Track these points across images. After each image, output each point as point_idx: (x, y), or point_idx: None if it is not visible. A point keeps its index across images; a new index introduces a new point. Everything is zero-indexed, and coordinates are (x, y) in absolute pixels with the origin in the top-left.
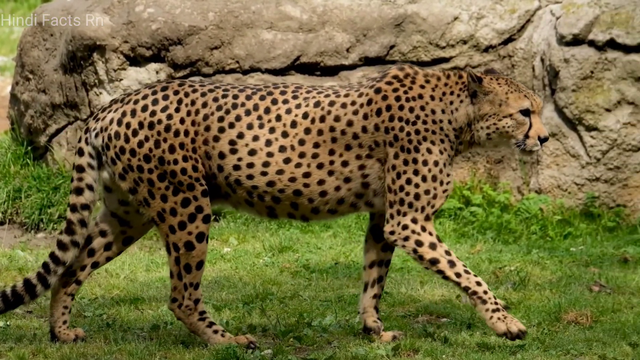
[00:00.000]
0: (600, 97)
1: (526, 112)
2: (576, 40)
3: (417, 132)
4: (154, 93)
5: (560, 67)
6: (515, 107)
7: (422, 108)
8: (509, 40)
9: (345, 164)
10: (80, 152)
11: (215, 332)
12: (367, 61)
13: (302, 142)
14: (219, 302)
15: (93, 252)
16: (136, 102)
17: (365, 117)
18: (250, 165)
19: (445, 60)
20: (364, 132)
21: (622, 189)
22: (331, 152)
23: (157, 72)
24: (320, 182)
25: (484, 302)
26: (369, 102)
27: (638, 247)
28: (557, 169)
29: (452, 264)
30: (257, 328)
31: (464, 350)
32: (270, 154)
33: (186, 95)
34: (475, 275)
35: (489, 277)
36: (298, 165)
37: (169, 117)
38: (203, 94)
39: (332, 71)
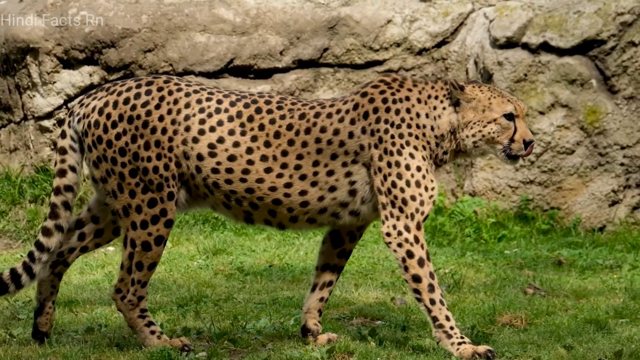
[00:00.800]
0: (534, 100)
1: (510, 117)
2: (510, 43)
3: (401, 135)
4: (138, 87)
5: (494, 70)
6: (498, 112)
7: (408, 110)
8: (443, 43)
9: (330, 173)
10: (63, 135)
11: (152, 332)
12: (301, 64)
13: (285, 153)
14: (153, 304)
15: (83, 237)
16: (119, 93)
17: (352, 122)
18: (229, 171)
19: (379, 63)
20: (350, 137)
21: (556, 192)
22: (315, 164)
23: (90, 75)
24: (302, 192)
25: (449, 336)
26: (356, 106)
27: (572, 249)
28: (491, 172)
29: (431, 288)
30: (192, 331)
31: (398, 352)
32: (250, 162)
33: (170, 93)
34: (447, 309)
35: None
36: (279, 175)
37: (148, 113)
38: (187, 94)
39: (265, 74)
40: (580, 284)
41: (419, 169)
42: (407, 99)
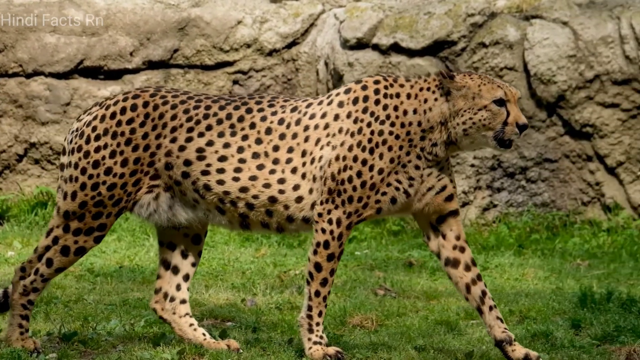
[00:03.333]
0: None
1: (500, 102)
2: (360, 44)
3: (381, 132)
4: (125, 100)
5: (345, 71)
6: (488, 98)
7: (396, 108)
8: (293, 44)
9: (313, 161)
10: (64, 151)
11: (20, 325)
12: (151, 65)
13: (276, 149)
14: None
15: (177, 269)
16: (107, 107)
17: (340, 104)
18: (221, 171)
19: (229, 64)
20: (335, 119)
21: None
22: (303, 154)
23: None
24: (296, 187)
25: (311, 331)
26: (347, 91)
27: (423, 251)
28: None
29: (325, 281)
30: (42, 332)
31: (249, 354)
32: (242, 160)
33: (155, 108)
34: (324, 307)
35: (274, 281)
36: (272, 171)
37: (132, 131)
38: (173, 106)
39: (115, 75)
40: (431, 285)
41: (380, 171)
42: (397, 95)
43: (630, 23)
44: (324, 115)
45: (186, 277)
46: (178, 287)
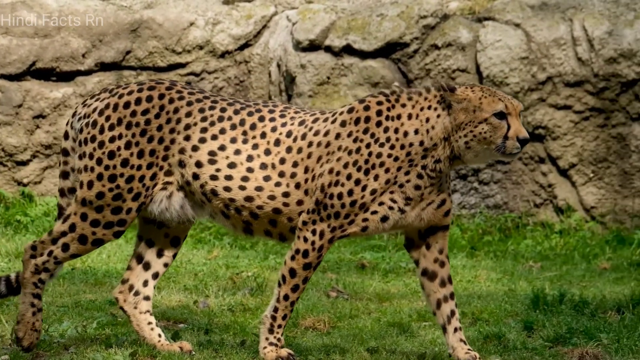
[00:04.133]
0: (337, 102)
1: (501, 115)
2: (313, 46)
3: (379, 155)
4: (140, 91)
5: (297, 73)
6: (489, 111)
7: (396, 130)
8: (246, 46)
9: (314, 178)
10: (66, 136)
11: (32, 305)
12: (103, 66)
13: (282, 161)
14: None
15: (149, 265)
16: (121, 96)
17: (343, 124)
18: (229, 178)
19: (182, 65)
20: (336, 138)
21: None
22: (306, 170)
23: None
24: (300, 202)
25: (271, 331)
26: (351, 110)
27: (375, 252)
28: None
29: (296, 287)
30: None
31: (201, 355)
32: (250, 170)
33: (170, 101)
34: (291, 311)
35: (226, 283)
36: (277, 184)
37: (147, 122)
38: (189, 103)
39: (68, 77)
40: (384, 287)
41: (373, 192)
42: (399, 117)
43: (583, 25)
44: (326, 134)
45: (155, 275)
46: (145, 283)
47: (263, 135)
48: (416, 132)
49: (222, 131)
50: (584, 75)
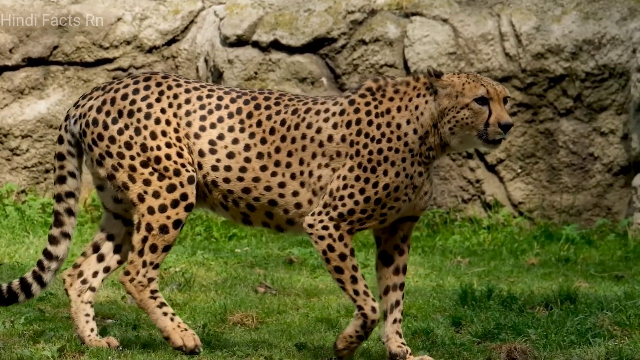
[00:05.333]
0: None
1: (482, 100)
2: (240, 41)
3: (380, 151)
4: (136, 82)
5: (225, 68)
6: (470, 97)
7: (388, 124)
8: (173, 41)
9: (310, 173)
10: (60, 140)
11: (165, 314)
12: (31, 62)
13: (277, 150)
14: None
15: (103, 257)
16: (117, 90)
17: (335, 126)
18: (228, 169)
19: (109, 61)
20: (329, 141)
21: None
22: (301, 162)
23: None
24: (295, 193)
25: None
26: (342, 112)
27: (303, 248)
28: None
29: (354, 279)
30: None
31: (130, 351)
32: (247, 159)
33: (169, 88)
34: (373, 300)
35: None
36: (274, 174)
37: (149, 105)
38: (187, 91)
39: None
40: (312, 283)
41: (385, 187)
42: (388, 111)
43: (510, 20)
44: (318, 131)
45: (106, 269)
46: (95, 274)
47: (259, 123)
48: (408, 122)
49: (220, 119)
50: (512, 70)
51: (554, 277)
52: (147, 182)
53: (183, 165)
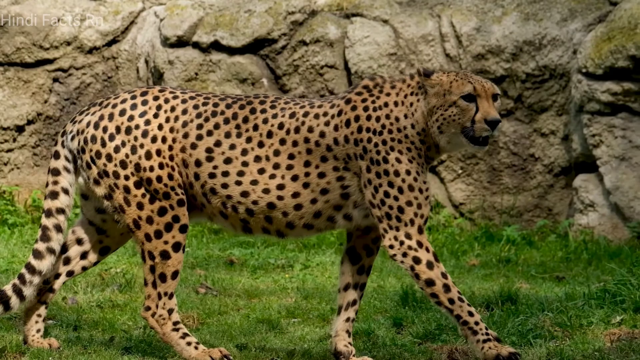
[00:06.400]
0: None
1: (469, 97)
2: (180, 42)
3: (384, 142)
4: (133, 97)
5: (165, 69)
6: (457, 94)
7: (387, 117)
8: (114, 41)
9: (322, 175)
10: (56, 155)
11: (189, 344)
12: None
13: (277, 153)
14: None
15: (69, 261)
16: (114, 106)
17: (336, 128)
18: (226, 174)
19: (50, 61)
20: (335, 144)
21: None
22: (306, 164)
23: None
24: (295, 194)
25: (475, 332)
26: (340, 113)
27: (244, 249)
28: None
29: (447, 288)
30: None
31: (70, 352)
32: (245, 163)
33: (166, 101)
34: (468, 305)
35: (95, 279)
36: (272, 176)
37: (147, 122)
38: (184, 101)
39: None
40: (252, 284)
41: (408, 172)
42: (386, 104)
43: (451, 21)
44: (322, 135)
45: (70, 273)
46: (57, 276)
47: (255, 127)
48: (405, 116)
49: (217, 126)
50: None
51: (495, 278)
52: (140, 206)
53: (172, 189)
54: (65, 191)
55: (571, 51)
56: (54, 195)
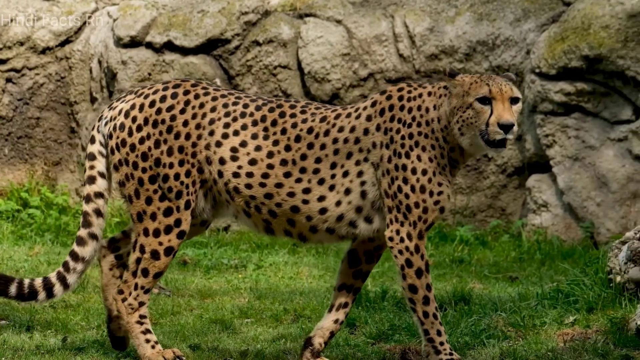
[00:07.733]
0: None
1: (484, 100)
2: (134, 42)
3: (411, 135)
4: (165, 89)
5: (118, 69)
6: (473, 96)
7: (419, 108)
8: (67, 42)
9: (346, 174)
10: (92, 140)
11: (147, 341)
12: None
13: (304, 157)
14: None
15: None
16: (146, 96)
17: (369, 118)
18: (250, 175)
19: (2, 62)
20: (365, 134)
21: None
22: (333, 166)
23: None
24: (321, 198)
25: (438, 352)
26: (374, 103)
27: (197, 249)
28: None
29: (426, 300)
30: None
31: (23, 352)
32: (270, 166)
33: (196, 96)
34: (440, 323)
35: None
36: (298, 180)
37: (173, 118)
38: (214, 98)
39: None
40: (206, 284)
41: (424, 172)
42: (420, 95)
43: (404, 22)
44: (352, 130)
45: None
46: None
47: (284, 131)
48: (434, 107)
49: (244, 127)
50: (406, 71)
51: (448, 278)
52: (148, 201)
53: (187, 187)
54: (102, 175)
55: (524, 51)
56: (91, 180)
